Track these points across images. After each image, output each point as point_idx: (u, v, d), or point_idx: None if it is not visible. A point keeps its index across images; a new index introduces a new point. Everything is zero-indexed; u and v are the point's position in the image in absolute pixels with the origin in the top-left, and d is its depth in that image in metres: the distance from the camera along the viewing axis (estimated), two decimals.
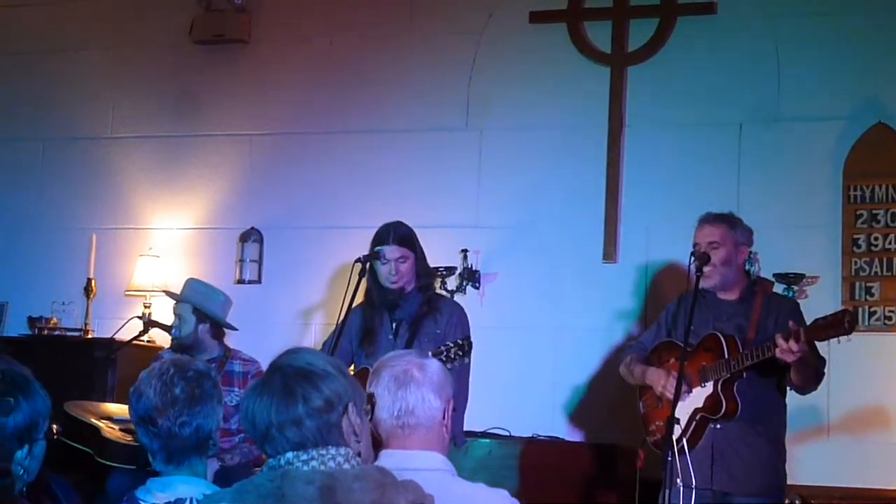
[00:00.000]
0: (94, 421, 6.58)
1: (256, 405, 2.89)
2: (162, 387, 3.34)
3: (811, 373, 5.66)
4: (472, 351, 5.75)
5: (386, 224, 6.17)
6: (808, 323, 5.64)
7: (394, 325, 6.15)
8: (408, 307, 6.16)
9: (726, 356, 5.64)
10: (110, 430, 6.49)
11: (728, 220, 5.91)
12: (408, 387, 3.39)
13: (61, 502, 3.01)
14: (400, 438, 3.39)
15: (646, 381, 5.97)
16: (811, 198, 7.33)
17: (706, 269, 5.74)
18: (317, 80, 8.45)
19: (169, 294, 7.11)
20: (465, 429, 6.34)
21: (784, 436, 5.89)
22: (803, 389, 5.76)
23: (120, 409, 6.76)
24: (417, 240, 6.20)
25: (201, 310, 6.82)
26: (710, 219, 5.91)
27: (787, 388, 5.80)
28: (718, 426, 5.69)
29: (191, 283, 7.03)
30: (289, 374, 2.90)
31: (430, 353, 5.36)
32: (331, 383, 2.90)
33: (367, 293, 6.27)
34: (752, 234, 5.99)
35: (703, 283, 5.75)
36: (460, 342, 5.68)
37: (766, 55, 7.50)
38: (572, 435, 7.52)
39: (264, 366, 6.59)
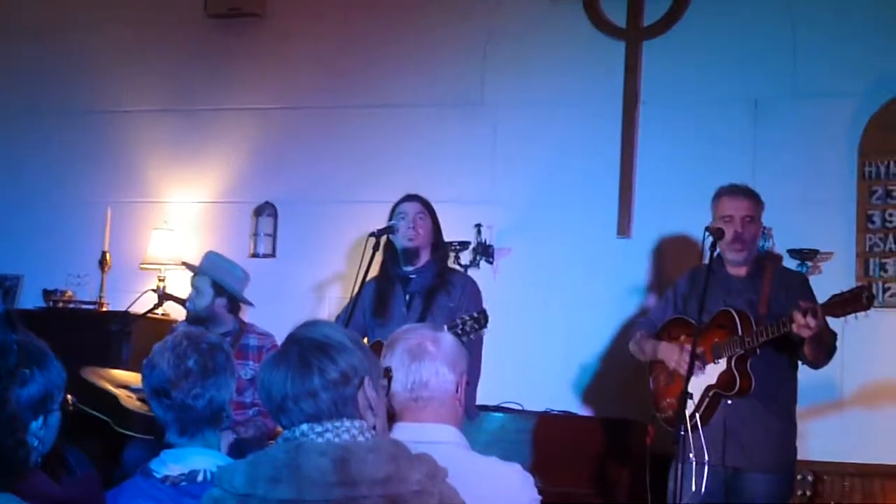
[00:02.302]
0: (112, 389, 6.58)
1: (273, 376, 2.90)
2: (175, 359, 3.36)
3: (825, 348, 5.65)
4: (488, 324, 5.77)
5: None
6: (815, 296, 5.66)
7: (407, 297, 6.19)
8: (421, 280, 6.20)
9: (740, 333, 5.63)
10: (129, 399, 6.49)
11: (756, 195, 5.92)
12: (422, 360, 3.40)
13: (76, 473, 3.03)
14: (413, 411, 3.40)
15: (658, 357, 5.97)
16: (826, 174, 7.31)
17: (737, 245, 5.75)
18: (331, 54, 8.44)
19: (188, 266, 7.10)
20: (478, 402, 6.36)
21: (795, 411, 5.90)
22: (816, 364, 5.75)
23: (136, 378, 6.76)
24: (435, 213, 6.28)
25: (220, 284, 6.81)
26: (746, 192, 5.89)
27: (799, 363, 5.81)
28: (730, 402, 5.70)
29: (210, 257, 7.01)
30: (306, 346, 2.91)
31: (445, 326, 5.43)
32: (347, 356, 2.91)
33: (382, 266, 6.32)
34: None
35: (733, 256, 5.78)
36: (476, 315, 5.69)
37: (782, 31, 7.48)
38: (585, 409, 7.53)
39: (279, 340, 6.67)
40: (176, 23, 8.85)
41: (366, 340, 6.07)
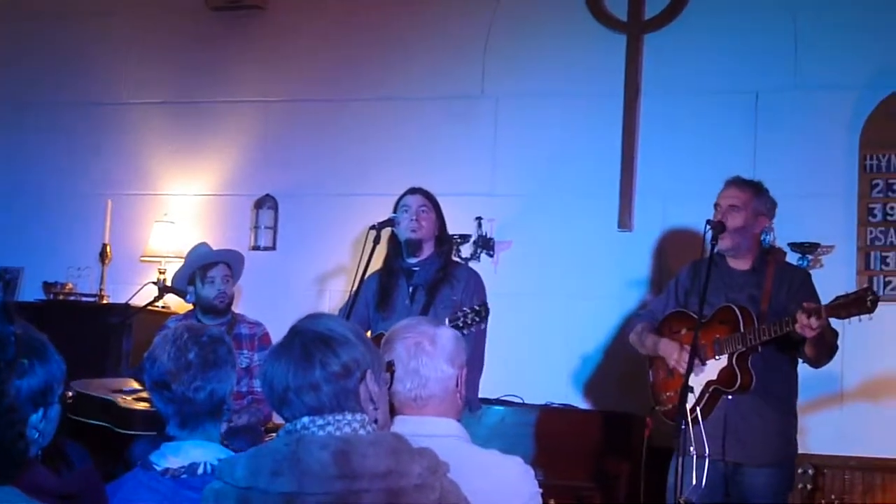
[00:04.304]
0: (106, 395, 6.58)
1: (275, 368, 2.90)
2: (176, 352, 3.35)
3: (827, 348, 5.66)
4: (489, 317, 5.77)
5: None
6: (818, 294, 5.66)
7: (410, 290, 6.20)
8: (424, 273, 6.21)
9: (742, 329, 5.63)
10: (125, 401, 6.49)
11: (754, 187, 5.89)
12: (420, 359, 3.39)
13: (76, 467, 3.02)
14: (414, 409, 3.40)
15: (658, 353, 5.96)
16: (827, 167, 7.31)
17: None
18: (333, 46, 8.43)
19: (227, 252, 7.15)
20: (479, 396, 6.36)
21: (795, 405, 5.90)
22: (816, 364, 5.76)
23: (126, 382, 6.77)
24: (439, 206, 6.30)
25: (237, 273, 6.95)
26: (737, 182, 5.89)
27: (800, 360, 5.81)
28: (731, 398, 5.69)
29: (206, 248, 7.09)
30: (308, 338, 2.91)
31: (447, 319, 5.45)
32: (350, 349, 2.91)
33: (385, 259, 6.33)
34: (775, 206, 5.96)
35: (718, 245, 5.75)
36: (477, 308, 5.71)
37: (783, 23, 7.47)
38: (586, 403, 7.53)
39: (274, 331, 6.67)
40: (177, 15, 8.84)
41: (369, 333, 6.08)
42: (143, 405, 6.30)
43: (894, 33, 7.30)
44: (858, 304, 5.32)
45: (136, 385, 6.49)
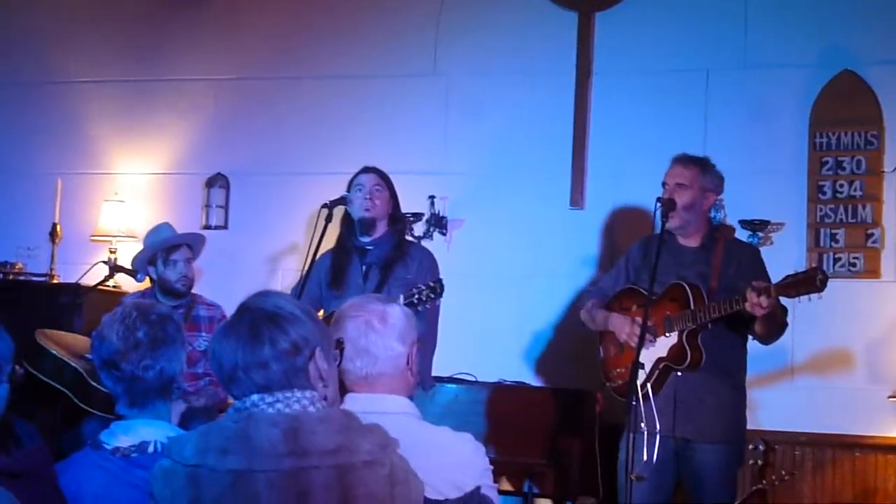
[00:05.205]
0: (74, 362, 6.53)
1: (223, 346, 2.90)
2: (125, 331, 3.33)
3: (776, 325, 5.70)
4: (444, 293, 5.79)
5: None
6: (767, 269, 5.71)
7: (364, 268, 6.20)
8: (378, 251, 6.21)
9: (692, 307, 5.65)
10: (92, 373, 6.45)
11: (700, 164, 5.91)
12: (369, 337, 3.39)
13: (24, 445, 3.00)
14: (364, 387, 3.40)
15: (609, 328, 5.97)
16: (777, 144, 7.35)
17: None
18: (283, 24, 8.40)
19: (190, 235, 7.10)
20: (432, 374, 6.37)
21: (745, 381, 5.93)
22: (766, 341, 5.80)
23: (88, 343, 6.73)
24: (393, 185, 6.29)
25: (196, 256, 6.90)
26: (683, 160, 5.91)
27: (749, 336, 5.84)
28: (680, 374, 5.71)
29: (193, 235, 7.10)
30: (257, 316, 2.90)
31: (401, 296, 5.47)
32: (299, 327, 2.91)
33: (339, 238, 6.33)
34: (723, 181, 5.99)
35: (667, 223, 5.76)
36: (432, 284, 5.73)
37: (733, 1, 7.49)
38: (538, 380, 7.55)
39: (227, 310, 6.64)
40: None
41: (322, 312, 6.07)
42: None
43: (844, 12, 7.33)
44: (808, 283, 5.36)
45: None
